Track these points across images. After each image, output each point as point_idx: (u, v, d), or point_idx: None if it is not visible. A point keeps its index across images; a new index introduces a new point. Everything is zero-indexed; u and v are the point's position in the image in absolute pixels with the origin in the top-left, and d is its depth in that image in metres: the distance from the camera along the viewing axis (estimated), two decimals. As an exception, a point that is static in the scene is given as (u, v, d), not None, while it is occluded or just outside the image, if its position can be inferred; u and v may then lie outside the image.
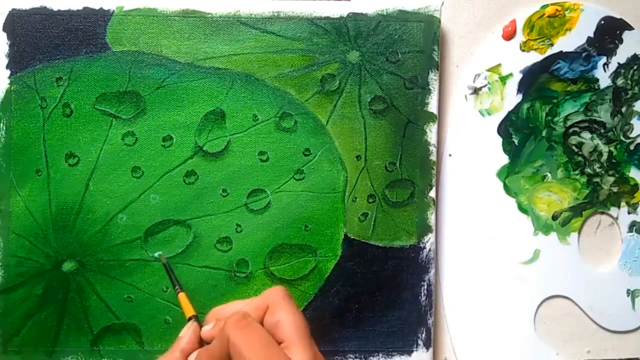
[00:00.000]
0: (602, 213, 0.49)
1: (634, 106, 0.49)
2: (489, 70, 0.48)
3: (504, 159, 0.48)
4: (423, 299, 0.46)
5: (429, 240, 0.46)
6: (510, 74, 0.48)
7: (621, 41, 0.48)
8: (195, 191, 0.45)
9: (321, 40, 0.46)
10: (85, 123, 0.45)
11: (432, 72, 0.46)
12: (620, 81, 0.48)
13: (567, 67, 0.48)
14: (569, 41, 0.48)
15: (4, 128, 0.44)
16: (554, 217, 0.48)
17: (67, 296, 0.45)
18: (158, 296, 0.45)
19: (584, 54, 0.48)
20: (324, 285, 0.46)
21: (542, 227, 0.48)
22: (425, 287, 0.46)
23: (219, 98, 0.45)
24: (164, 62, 0.45)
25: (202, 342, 0.39)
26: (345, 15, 0.46)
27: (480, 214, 0.48)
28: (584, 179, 0.48)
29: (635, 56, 0.48)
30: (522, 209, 0.48)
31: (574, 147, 0.48)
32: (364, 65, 0.46)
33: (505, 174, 0.48)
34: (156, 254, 0.45)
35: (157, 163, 0.45)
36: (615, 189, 0.49)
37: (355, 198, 0.46)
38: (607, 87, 0.48)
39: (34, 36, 0.44)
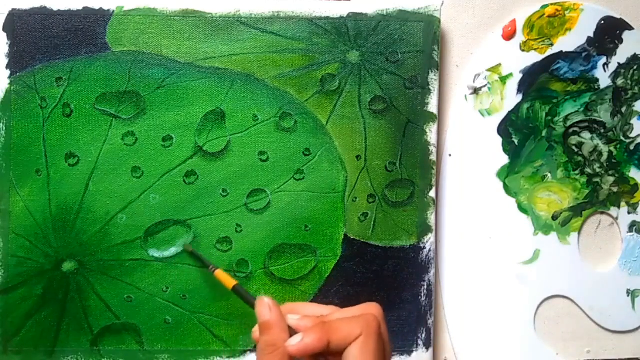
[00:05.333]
0: (602, 213, 0.49)
1: (634, 106, 0.49)
2: (489, 70, 0.48)
3: (504, 159, 0.48)
4: (423, 299, 0.46)
5: (429, 240, 0.46)
6: (510, 74, 0.48)
7: (621, 41, 0.48)
8: (195, 191, 0.45)
9: (321, 40, 0.46)
10: (85, 123, 0.45)
11: (432, 72, 0.46)
12: (620, 81, 0.48)
13: (567, 67, 0.48)
14: (569, 41, 0.48)
15: (4, 128, 0.44)
16: (554, 217, 0.48)
17: (67, 296, 0.45)
18: (158, 296, 0.45)
19: (584, 54, 0.48)
20: (324, 285, 0.46)
21: (542, 227, 0.48)
22: (425, 287, 0.46)
23: (219, 98, 0.45)
24: (164, 62, 0.45)
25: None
26: (345, 15, 0.46)
27: (480, 214, 0.48)
28: (584, 179, 0.48)
29: (635, 56, 0.48)
30: (522, 209, 0.48)
31: (574, 147, 0.48)
32: (364, 65, 0.46)
33: (505, 174, 0.48)
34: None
35: (157, 163, 0.45)
36: (615, 189, 0.49)
37: (355, 198, 0.46)
38: (607, 87, 0.48)
39: (34, 36, 0.44)
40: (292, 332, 0.34)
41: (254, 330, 0.36)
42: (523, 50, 0.48)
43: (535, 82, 0.48)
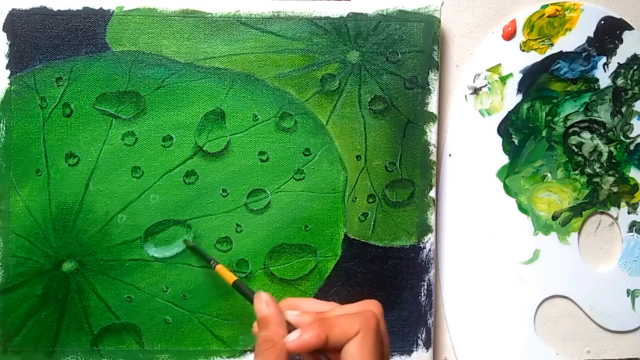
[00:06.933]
0: (602, 213, 0.49)
1: (634, 106, 0.49)
2: (489, 70, 0.48)
3: (504, 159, 0.48)
4: (423, 299, 0.46)
5: (429, 240, 0.46)
6: (510, 74, 0.48)
7: (621, 41, 0.48)
8: (195, 191, 0.45)
9: (321, 40, 0.46)
10: (85, 123, 0.45)
11: (432, 72, 0.46)
12: (620, 81, 0.48)
13: (567, 67, 0.48)
14: (569, 41, 0.48)
15: (4, 128, 0.44)
16: (554, 217, 0.48)
17: (67, 296, 0.45)
18: (158, 296, 0.45)
19: (584, 54, 0.48)
20: (324, 285, 0.46)
21: (542, 227, 0.48)
22: (425, 287, 0.46)
23: (219, 98, 0.45)
24: (164, 62, 0.45)
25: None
26: (345, 15, 0.46)
27: (480, 214, 0.48)
28: (584, 179, 0.48)
29: (635, 56, 0.48)
30: (522, 209, 0.48)
31: (574, 147, 0.48)
32: (364, 65, 0.46)
33: (505, 174, 0.48)
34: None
35: (157, 163, 0.45)
36: (615, 189, 0.49)
37: (355, 198, 0.46)
38: (607, 87, 0.48)
39: (34, 36, 0.44)
40: (291, 328, 0.34)
41: (254, 326, 0.36)
42: (523, 50, 0.48)
43: (535, 82, 0.48)
